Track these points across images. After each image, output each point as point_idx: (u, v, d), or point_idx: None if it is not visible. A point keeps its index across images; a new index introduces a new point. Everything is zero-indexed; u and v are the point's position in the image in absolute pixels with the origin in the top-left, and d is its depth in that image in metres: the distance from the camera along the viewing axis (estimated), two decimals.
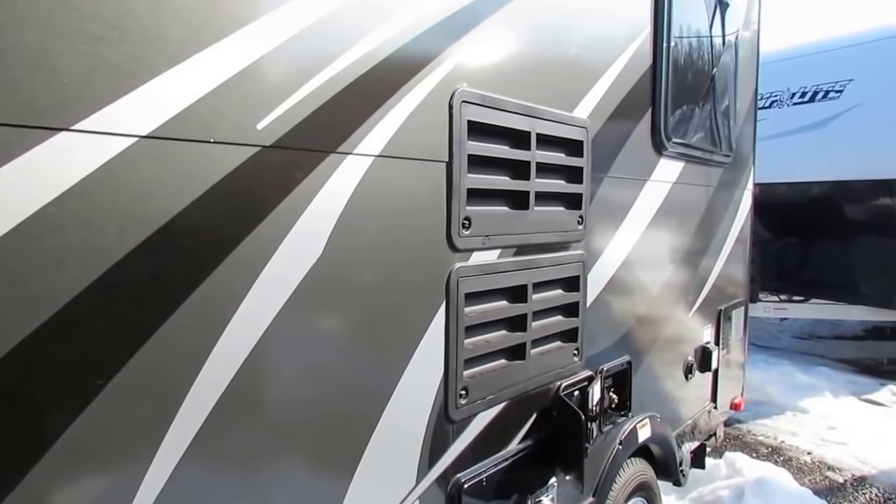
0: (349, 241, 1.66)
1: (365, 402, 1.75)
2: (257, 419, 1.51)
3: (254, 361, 1.46)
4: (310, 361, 1.61)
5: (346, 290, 1.66)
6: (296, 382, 1.58)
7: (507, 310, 2.21)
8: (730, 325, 4.23)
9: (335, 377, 1.67)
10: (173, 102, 1.31)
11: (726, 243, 4.09)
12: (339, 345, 1.67)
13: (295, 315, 1.54)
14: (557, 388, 2.51)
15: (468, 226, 2.00)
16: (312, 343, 1.61)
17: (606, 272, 2.80)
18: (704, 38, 3.56)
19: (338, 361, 1.67)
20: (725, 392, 4.26)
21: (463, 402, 2.04)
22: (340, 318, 1.66)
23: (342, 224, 1.63)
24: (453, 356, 1.98)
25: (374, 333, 1.75)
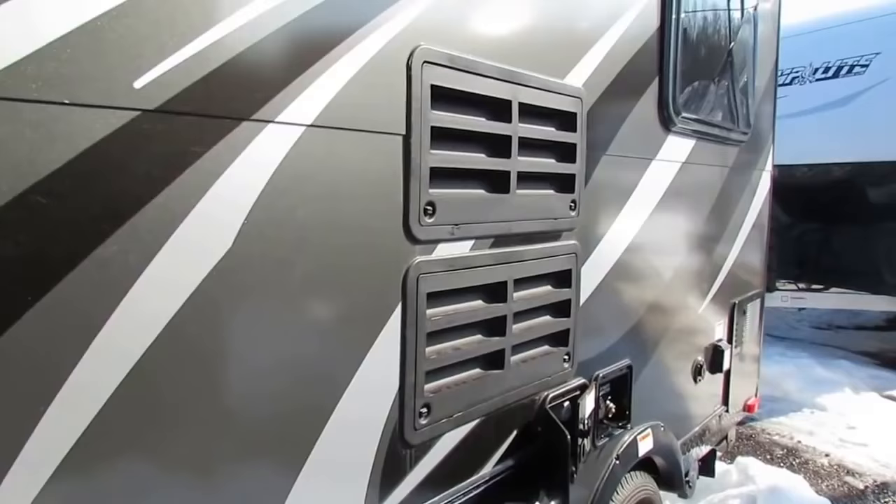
0: (270, 231, 1.33)
1: (294, 428, 1.43)
2: (141, 458, 1.19)
3: (131, 388, 1.14)
4: (217, 380, 1.29)
5: (265, 292, 1.34)
6: (196, 406, 1.26)
7: (481, 311, 1.88)
8: (744, 320, 3.87)
9: (252, 399, 1.35)
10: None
11: (742, 230, 3.73)
12: (257, 359, 1.35)
13: (193, 324, 1.22)
14: (543, 399, 2.18)
15: (431, 212, 1.66)
16: (220, 357, 1.29)
17: (604, 265, 2.46)
18: (721, 8, 3.18)
19: (255, 380, 1.35)
20: (738, 393, 3.91)
21: (423, 421, 1.71)
22: (257, 327, 1.34)
23: (260, 210, 1.30)
24: (411, 368, 1.66)
25: (304, 344, 1.43)
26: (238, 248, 1.27)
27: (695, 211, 3.16)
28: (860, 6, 7.16)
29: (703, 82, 3.02)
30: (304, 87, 1.36)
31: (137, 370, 1.15)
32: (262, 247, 1.31)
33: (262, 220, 1.31)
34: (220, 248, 1.25)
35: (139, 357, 1.15)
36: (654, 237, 2.76)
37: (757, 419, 5.78)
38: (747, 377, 4.11)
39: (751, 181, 3.81)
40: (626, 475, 2.82)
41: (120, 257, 1.12)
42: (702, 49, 2.99)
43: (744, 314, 3.87)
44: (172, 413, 1.22)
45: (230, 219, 1.26)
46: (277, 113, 1.31)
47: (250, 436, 1.35)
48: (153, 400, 1.19)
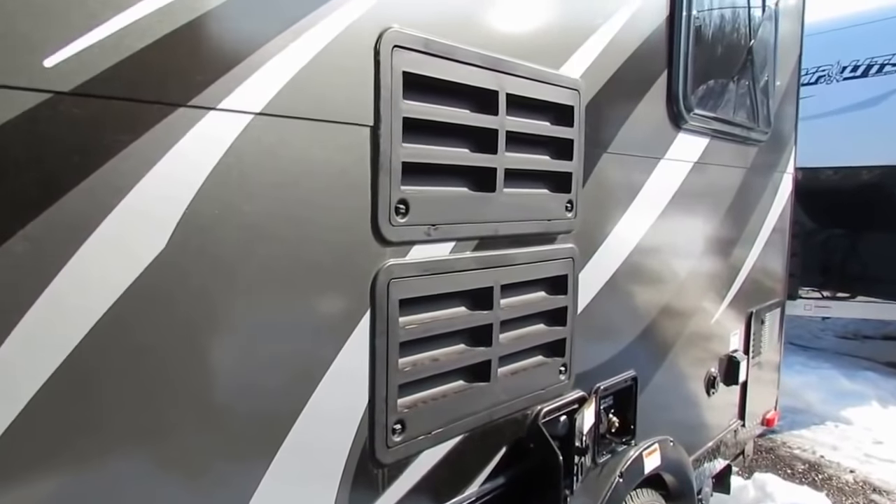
0: (213, 229, 1.20)
1: (244, 448, 1.30)
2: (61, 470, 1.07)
3: (57, 386, 1.02)
4: (148, 392, 1.16)
5: (204, 296, 1.20)
6: (126, 412, 1.13)
7: (463, 319, 1.74)
8: (763, 330, 3.68)
9: (190, 415, 1.22)
10: None
11: (760, 234, 3.54)
12: (196, 371, 1.21)
13: (122, 326, 1.09)
14: (536, 414, 2.03)
15: (404, 211, 1.52)
16: (152, 364, 1.16)
17: (606, 270, 2.30)
18: (739, 2, 3.01)
19: (194, 394, 1.22)
20: (756, 406, 3.72)
21: (397, 438, 1.57)
22: (194, 335, 1.20)
23: (200, 206, 1.17)
24: (382, 381, 1.52)
25: (254, 357, 1.29)
26: (174, 246, 1.14)
27: (708, 214, 2.99)
28: (890, 2, 6.89)
29: (719, 78, 2.85)
30: (253, 71, 1.22)
31: (64, 369, 1.02)
32: (201, 246, 1.18)
33: (203, 217, 1.18)
34: (154, 245, 1.12)
35: (66, 355, 1.03)
36: (662, 241, 2.59)
37: (777, 431, 5.56)
38: (766, 390, 3.91)
39: (770, 183, 3.62)
40: (631, 493, 2.66)
41: (33, 252, 0.99)
42: (718, 43, 2.82)
43: (762, 324, 3.67)
44: (103, 413, 1.09)
45: (165, 215, 1.13)
46: (220, 99, 1.18)
47: (189, 458, 1.21)
48: (81, 399, 1.06)
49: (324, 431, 1.42)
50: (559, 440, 2.08)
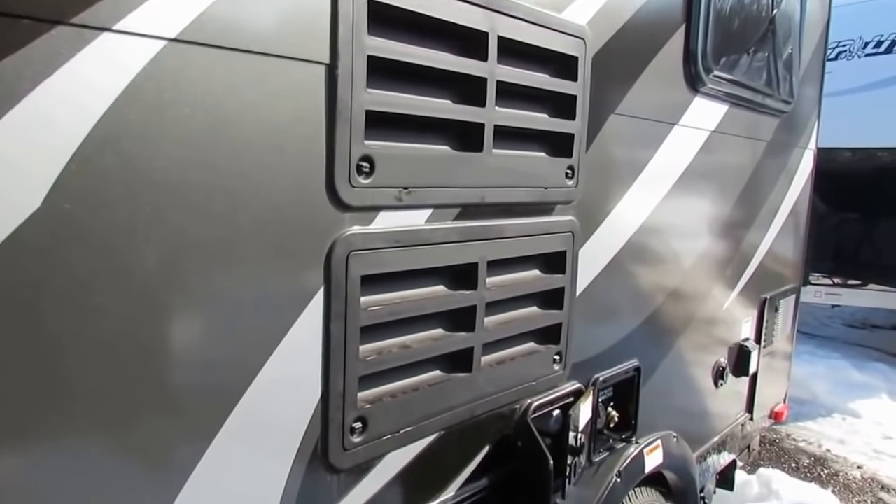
0: (108, 187, 0.94)
1: (165, 443, 1.06)
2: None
3: None
4: (51, 367, 0.91)
5: (94, 269, 0.95)
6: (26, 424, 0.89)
7: (441, 300, 1.49)
8: (776, 318, 3.43)
9: (105, 411, 0.97)
10: None
11: (779, 214, 3.28)
12: (94, 357, 0.97)
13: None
14: (526, 408, 1.78)
15: (368, 170, 1.27)
16: (34, 353, 0.91)
17: (609, 248, 2.04)
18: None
19: (100, 390, 0.97)
20: (765, 399, 3.48)
21: (356, 439, 1.33)
22: (83, 311, 0.95)
23: (91, 155, 0.92)
24: (338, 372, 1.27)
25: (168, 343, 1.04)
26: (52, 204, 0.89)
27: (723, 190, 2.72)
28: None
29: (742, 38, 2.57)
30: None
31: None
32: (94, 209, 0.93)
33: (95, 168, 0.92)
34: (24, 203, 0.87)
35: None
36: (672, 218, 2.33)
37: (783, 423, 5.33)
38: (776, 382, 3.68)
39: (791, 159, 3.35)
40: (630, 493, 2.43)
41: None
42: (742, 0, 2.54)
43: (776, 311, 3.42)
44: None
45: (37, 165, 0.88)
46: (118, 18, 0.92)
47: (111, 460, 0.97)
48: None
49: (261, 434, 1.18)
50: (551, 437, 1.84)
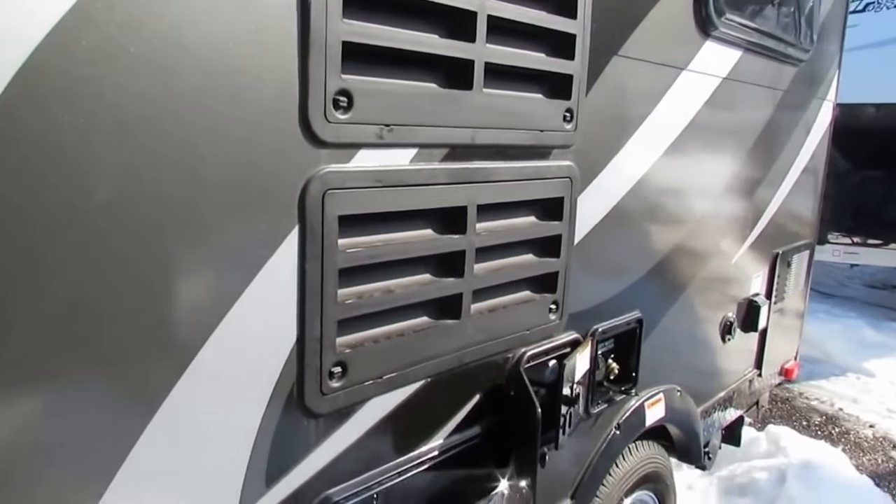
0: (55, 115, 0.90)
1: (137, 379, 1.03)
2: None
3: None
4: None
5: (33, 203, 0.91)
6: None
7: (427, 244, 1.44)
8: (788, 274, 3.35)
9: (70, 341, 0.94)
10: None
11: (792, 168, 3.18)
12: (43, 288, 0.93)
13: None
14: (519, 357, 1.75)
15: (346, 105, 1.21)
16: None
17: (611, 195, 1.98)
18: None
19: (49, 318, 0.94)
20: (774, 356, 3.42)
21: (336, 384, 1.30)
22: (37, 245, 0.91)
23: (36, 82, 0.87)
24: (314, 315, 1.23)
25: (125, 274, 1.00)
26: None
27: (735, 140, 2.63)
28: None
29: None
30: None
31: None
32: (35, 133, 0.88)
33: (34, 91, 0.87)
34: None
35: None
36: (679, 167, 2.25)
37: (795, 382, 5.27)
38: (787, 338, 3.62)
39: (808, 111, 3.23)
40: (630, 446, 2.41)
41: None
42: None
43: (788, 266, 3.34)
44: None
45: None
46: None
47: (53, 406, 0.95)
48: None
49: (232, 374, 1.14)
50: (546, 388, 1.81)
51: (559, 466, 2.02)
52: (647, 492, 2.61)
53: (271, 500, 1.25)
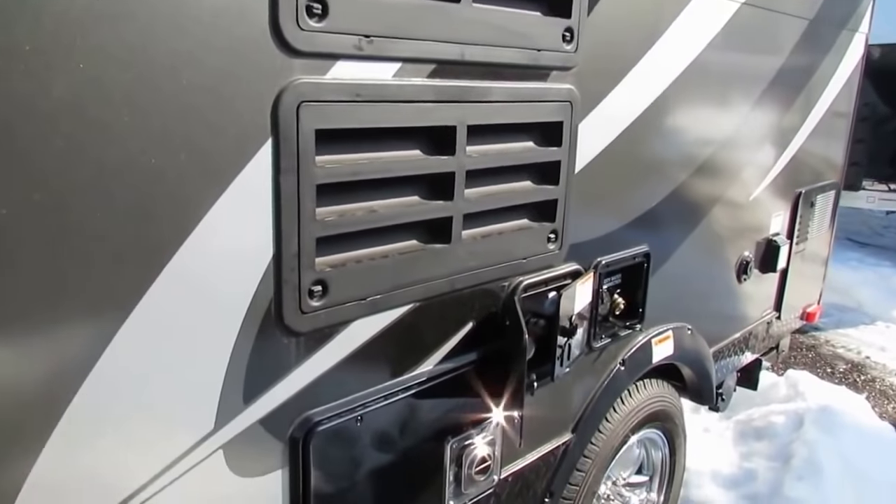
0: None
1: (105, 286, 1.02)
2: None
3: None
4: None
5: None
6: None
7: (414, 164, 1.40)
8: (811, 214, 3.25)
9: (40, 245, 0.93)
10: None
11: (819, 103, 3.04)
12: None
13: None
14: (515, 286, 1.71)
15: (321, 12, 1.16)
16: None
17: (616, 122, 1.91)
18: None
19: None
20: (795, 298, 3.34)
21: (316, 303, 1.28)
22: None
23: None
24: (291, 231, 1.21)
25: (89, 183, 0.98)
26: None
27: (754, 69, 2.52)
28: None
29: None
30: None
31: None
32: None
33: None
34: None
35: None
36: (692, 96, 2.17)
37: (822, 329, 5.19)
38: (809, 281, 3.52)
39: (838, 42, 3.07)
40: (637, 384, 2.38)
41: None
42: None
43: (811, 206, 3.24)
44: None
45: None
46: None
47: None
48: None
49: (203, 289, 1.13)
50: (544, 318, 1.78)
51: (560, 399, 2.01)
52: (656, 430, 2.59)
53: (250, 417, 1.24)
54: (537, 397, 1.87)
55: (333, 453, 1.39)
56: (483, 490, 1.76)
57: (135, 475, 1.12)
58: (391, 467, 1.53)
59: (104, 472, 1.08)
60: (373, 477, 1.49)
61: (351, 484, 1.45)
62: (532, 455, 1.95)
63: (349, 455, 1.43)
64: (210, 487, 1.23)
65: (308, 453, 1.33)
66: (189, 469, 1.18)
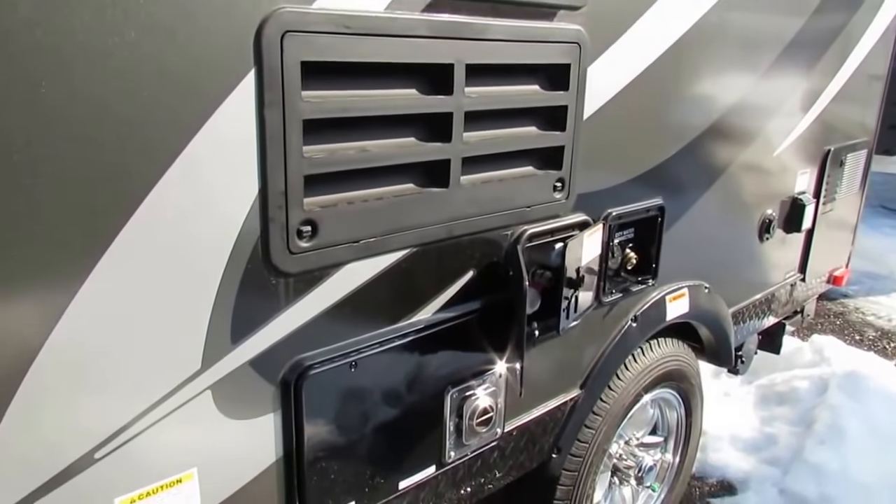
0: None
1: (78, 224, 1.00)
2: None
3: None
4: None
5: None
6: None
7: (409, 102, 1.35)
8: (840, 173, 3.13)
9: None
10: None
11: (853, 54, 2.91)
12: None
13: None
14: (518, 235, 1.67)
15: None
16: None
17: (629, 67, 1.83)
18: None
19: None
20: (821, 260, 3.24)
21: (305, 244, 1.25)
22: None
23: None
24: (277, 168, 1.18)
25: (60, 116, 0.95)
26: None
27: (780, 18, 2.40)
28: None
29: None
30: None
31: None
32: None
33: None
34: None
35: None
36: (711, 42, 2.08)
37: (851, 296, 5.07)
38: (837, 243, 3.42)
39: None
40: (651, 342, 2.33)
41: None
42: None
43: (840, 166, 3.12)
44: None
45: None
46: None
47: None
48: None
49: (190, 221, 1.10)
50: (549, 269, 1.73)
51: (567, 354, 1.97)
52: (671, 390, 2.54)
53: (239, 358, 1.23)
54: (544, 350, 1.84)
55: (327, 399, 1.37)
56: (486, 442, 1.74)
57: (119, 413, 1.11)
58: (388, 415, 1.51)
59: (86, 410, 1.07)
60: (369, 424, 1.47)
61: (346, 431, 1.43)
62: (538, 409, 1.92)
63: (343, 401, 1.41)
64: (200, 429, 1.22)
65: (300, 397, 1.32)
66: (177, 408, 1.17)
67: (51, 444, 1.04)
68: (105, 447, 1.10)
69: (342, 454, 1.43)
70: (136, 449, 1.14)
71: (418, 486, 1.64)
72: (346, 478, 1.46)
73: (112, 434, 1.11)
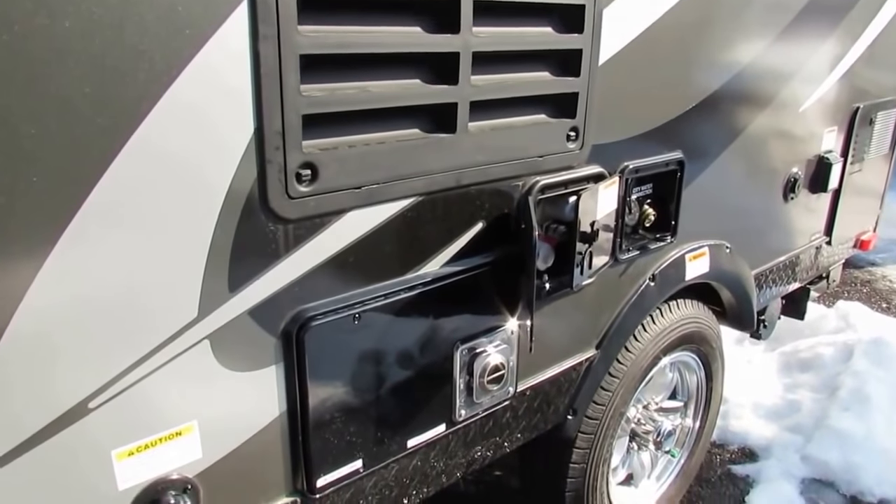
0: None
1: (78, 145, 0.95)
2: None
3: None
4: None
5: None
6: None
7: (411, 40, 1.28)
8: (869, 132, 3.02)
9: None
10: None
11: (882, 12, 2.78)
12: None
13: None
14: (530, 186, 1.60)
15: None
16: None
17: (648, 10, 1.75)
18: None
19: None
20: (848, 223, 3.13)
21: (304, 188, 1.20)
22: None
23: None
24: (273, 107, 1.12)
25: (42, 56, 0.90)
26: None
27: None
28: None
29: None
30: None
31: None
32: None
33: None
34: None
35: None
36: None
37: (879, 264, 4.93)
38: (864, 205, 3.30)
39: None
40: (670, 303, 2.26)
41: None
42: None
43: (870, 124, 3.00)
44: None
45: None
46: None
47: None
48: None
49: (183, 159, 1.05)
50: (562, 223, 1.67)
51: (582, 312, 1.91)
52: (690, 353, 2.47)
53: (237, 307, 1.18)
54: (558, 308, 1.78)
55: (330, 352, 1.32)
56: (498, 401, 1.70)
57: (112, 362, 1.07)
58: (395, 371, 1.46)
59: (77, 357, 1.02)
60: (375, 380, 1.43)
61: (351, 387, 1.38)
62: (552, 369, 1.86)
63: (348, 355, 1.36)
64: (199, 381, 1.17)
65: (303, 350, 1.27)
66: (173, 358, 1.13)
67: (41, 393, 1.01)
68: (99, 397, 1.06)
69: (347, 410, 1.39)
70: (132, 400, 1.10)
71: (428, 446, 1.60)
72: (353, 435, 1.42)
73: (106, 383, 1.07)
